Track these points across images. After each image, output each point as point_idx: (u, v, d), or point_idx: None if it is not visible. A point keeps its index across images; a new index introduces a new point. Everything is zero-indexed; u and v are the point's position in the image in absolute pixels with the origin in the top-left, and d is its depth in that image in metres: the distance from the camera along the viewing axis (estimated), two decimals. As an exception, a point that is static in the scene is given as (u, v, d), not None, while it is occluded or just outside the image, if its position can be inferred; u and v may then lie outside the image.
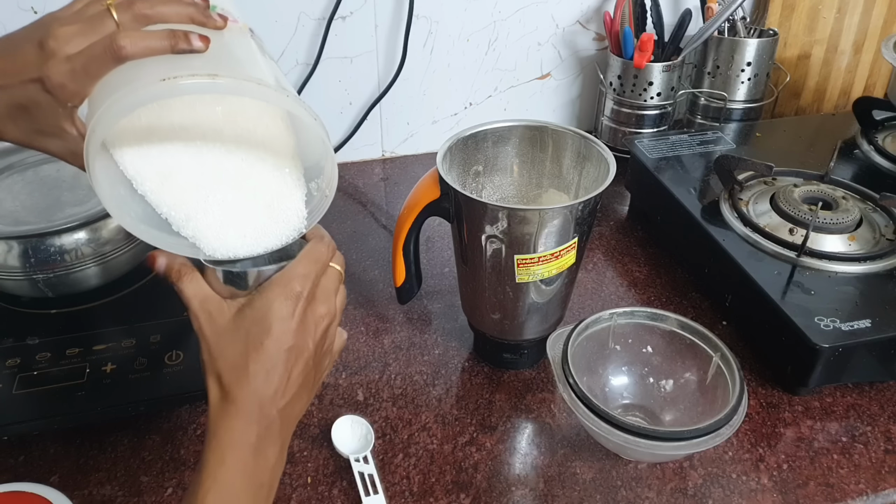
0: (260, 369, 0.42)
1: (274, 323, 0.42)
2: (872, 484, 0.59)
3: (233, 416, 0.42)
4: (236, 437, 0.41)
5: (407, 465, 0.61)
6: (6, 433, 0.61)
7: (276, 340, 0.42)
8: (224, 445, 0.41)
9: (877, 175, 0.87)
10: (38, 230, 0.66)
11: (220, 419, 0.42)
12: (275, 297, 0.43)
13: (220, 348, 0.43)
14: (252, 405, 0.42)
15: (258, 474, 0.42)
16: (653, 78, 0.98)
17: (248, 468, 0.41)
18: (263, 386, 0.42)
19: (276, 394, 0.43)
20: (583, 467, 0.61)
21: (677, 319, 0.64)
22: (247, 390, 0.42)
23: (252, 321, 0.43)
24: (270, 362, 0.42)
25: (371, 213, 0.97)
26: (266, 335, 0.42)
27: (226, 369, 0.42)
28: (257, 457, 0.42)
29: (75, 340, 0.66)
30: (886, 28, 1.10)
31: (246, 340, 0.42)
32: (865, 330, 0.63)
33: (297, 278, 0.44)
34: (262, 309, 0.43)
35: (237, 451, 0.41)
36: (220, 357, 0.43)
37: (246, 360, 0.42)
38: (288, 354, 0.43)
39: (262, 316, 0.43)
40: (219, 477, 0.40)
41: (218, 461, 0.41)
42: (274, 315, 0.42)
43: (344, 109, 1.03)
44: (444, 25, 0.99)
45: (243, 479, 0.41)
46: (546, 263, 0.60)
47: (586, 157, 0.65)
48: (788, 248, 0.72)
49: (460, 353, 0.73)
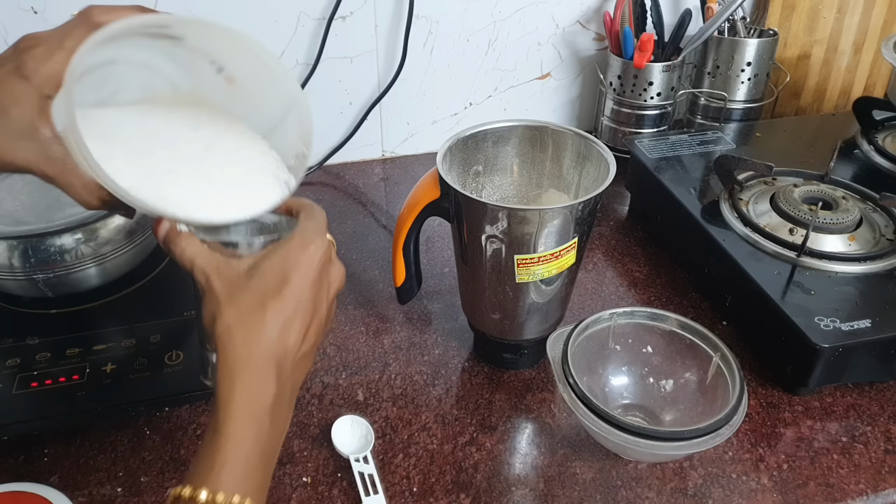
0: (278, 318, 0.40)
1: (292, 272, 0.41)
2: (872, 484, 0.59)
3: (250, 373, 0.39)
4: (255, 399, 0.39)
5: (407, 465, 0.61)
6: (6, 433, 0.61)
7: (296, 290, 0.40)
8: (242, 408, 0.39)
9: (877, 175, 0.87)
10: (38, 230, 0.66)
11: (235, 377, 0.39)
12: (292, 248, 0.41)
13: (232, 297, 0.40)
14: (269, 361, 0.40)
15: (273, 439, 0.40)
16: (653, 78, 0.98)
17: (264, 432, 0.39)
18: (281, 337, 0.40)
19: (293, 348, 0.41)
20: (583, 467, 0.61)
21: (677, 319, 0.64)
22: (264, 342, 0.39)
23: (268, 271, 0.41)
24: (288, 311, 0.40)
25: (371, 213, 0.97)
26: (284, 284, 0.40)
27: (239, 319, 0.40)
28: (273, 422, 0.40)
29: (75, 340, 0.66)
30: (886, 28, 1.10)
31: (262, 290, 0.40)
32: (865, 330, 0.63)
33: (312, 232, 0.43)
34: (279, 259, 0.41)
35: (256, 415, 0.39)
36: (231, 305, 0.40)
37: (263, 308, 0.40)
38: (306, 306, 0.41)
39: (280, 266, 0.41)
40: (237, 442, 0.38)
41: (237, 426, 0.38)
42: (292, 265, 0.41)
43: (344, 109, 1.03)
44: (444, 25, 0.99)
45: (259, 444, 0.39)
46: (546, 263, 0.60)
47: (586, 157, 0.65)
48: (788, 248, 0.72)
49: (460, 353, 0.73)
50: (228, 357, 0.40)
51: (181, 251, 0.43)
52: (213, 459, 0.38)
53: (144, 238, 0.73)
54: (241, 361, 0.39)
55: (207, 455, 0.38)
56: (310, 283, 0.41)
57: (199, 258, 0.42)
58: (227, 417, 0.39)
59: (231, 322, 0.40)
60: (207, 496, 0.37)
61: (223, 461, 0.38)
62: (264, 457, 0.40)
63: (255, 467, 0.39)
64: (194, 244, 0.43)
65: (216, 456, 0.38)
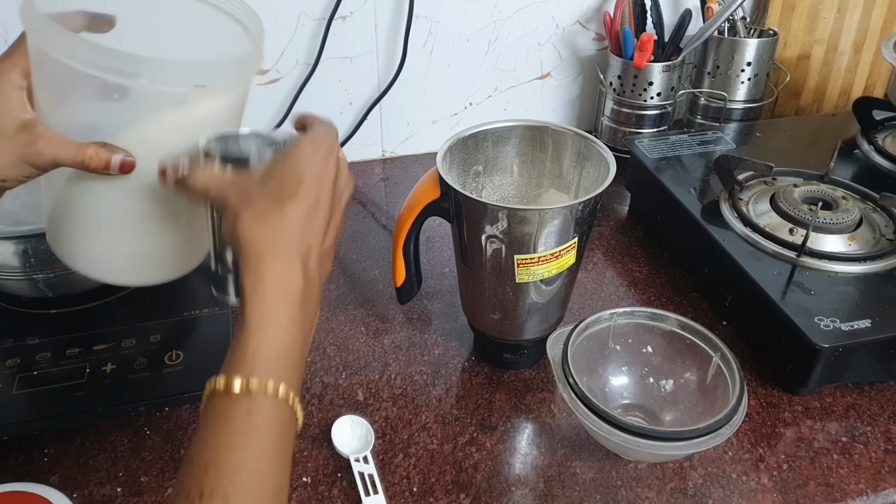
0: (299, 212, 0.40)
1: (306, 173, 0.41)
2: (872, 484, 0.59)
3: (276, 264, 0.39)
4: (285, 288, 0.38)
5: (407, 465, 0.61)
6: (6, 433, 0.61)
7: (313, 185, 0.40)
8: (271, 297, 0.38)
9: (877, 175, 0.87)
10: (38, 230, 0.66)
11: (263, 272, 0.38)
12: (305, 151, 0.41)
13: (249, 200, 0.40)
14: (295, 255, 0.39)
15: (303, 328, 0.39)
16: (653, 78, 0.98)
17: (296, 320, 0.38)
18: (304, 230, 0.40)
19: (316, 241, 0.40)
20: (583, 467, 0.61)
21: (677, 319, 0.64)
22: (287, 237, 0.39)
23: (282, 172, 0.41)
24: (308, 205, 0.40)
25: (371, 213, 0.97)
26: (300, 182, 0.40)
27: (259, 219, 0.39)
28: (303, 309, 0.39)
29: (75, 340, 0.66)
30: (886, 28, 1.10)
31: (279, 189, 0.40)
32: (865, 330, 0.63)
33: (324, 135, 0.43)
34: (292, 159, 0.41)
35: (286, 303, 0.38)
36: (249, 208, 0.40)
37: (282, 205, 0.40)
38: (323, 204, 0.41)
39: (294, 165, 0.41)
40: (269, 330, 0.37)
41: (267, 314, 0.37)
42: (305, 165, 0.41)
43: (344, 109, 1.03)
44: (444, 25, 0.99)
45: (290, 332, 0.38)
46: (546, 263, 0.60)
47: (586, 157, 0.65)
48: (788, 248, 0.72)
49: (460, 353, 0.73)
50: (251, 255, 0.39)
51: (193, 184, 0.43)
52: (244, 348, 0.37)
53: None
54: (266, 253, 0.39)
55: (238, 346, 0.38)
56: (326, 182, 0.41)
57: (211, 182, 0.42)
58: (255, 305, 0.38)
59: (251, 221, 0.40)
60: (242, 384, 0.36)
61: (255, 348, 0.37)
62: (296, 345, 0.39)
63: (288, 354, 0.38)
64: (203, 173, 0.43)
65: (247, 345, 0.37)
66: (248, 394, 0.36)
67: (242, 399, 0.36)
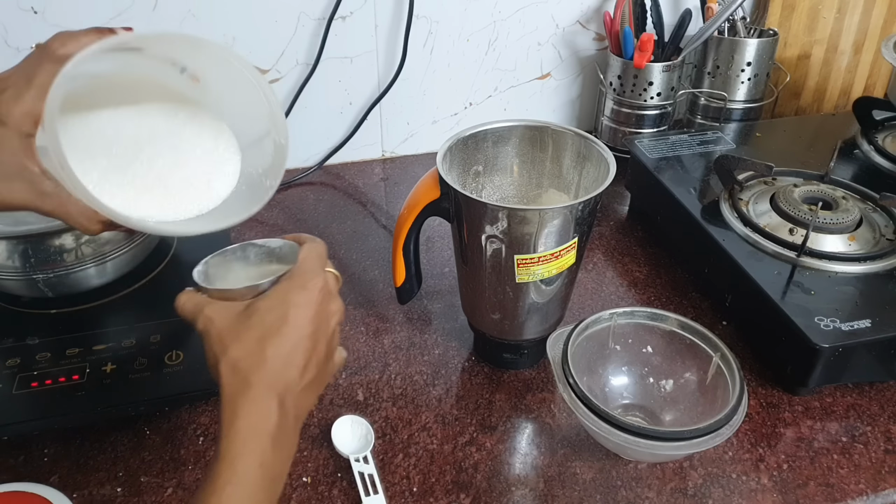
0: (279, 353, 0.41)
1: (291, 311, 0.42)
2: (872, 484, 0.59)
3: (251, 402, 0.41)
4: (256, 424, 0.41)
5: (407, 465, 0.61)
6: (6, 433, 0.61)
7: (294, 327, 0.42)
8: (244, 435, 0.40)
9: (877, 175, 0.87)
10: (38, 230, 0.65)
11: (238, 407, 0.41)
12: (290, 288, 0.43)
13: (235, 335, 0.42)
14: (271, 392, 0.41)
15: (275, 465, 0.41)
16: (653, 78, 0.98)
17: (266, 459, 0.40)
18: (283, 371, 0.42)
19: (293, 381, 0.42)
20: (583, 467, 0.61)
21: (677, 319, 0.64)
22: (266, 376, 0.41)
23: (267, 310, 0.42)
24: (288, 346, 0.42)
25: (371, 213, 0.97)
26: (284, 323, 0.42)
27: (242, 356, 0.41)
28: (275, 448, 0.41)
29: (75, 340, 0.66)
30: (886, 28, 1.10)
31: (262, 327, 0.42)
32: (865, 330, 0.63)
33: (310, 272, 0.44)
34: (277, 299, 0.43)
35: (257, 441, 0.40)
36: (235, 342, 0.42)
37: (263, 344, 0.41)
38: (306, 342, 0.43)
39: (279, 304, 0.42)
40: (238, 468, 0.39)
41: (237, 452, 0.40)
42: (291, 303, 0.43)
43: (344, 109, 1.03)
44: (444, 25, 0.99)
45: (261, 470, 0.40)
46: (546, 263, 0.60)
47: (586, 157, 0.65)
48: (788, 248, 0.72)
49: (460, 353, 0.73)
50: (231, 389, 0.41)
51: (181, 306, 0.45)
52: (214, 483, 0.39)
53: (144, 238, 0.73)
54: (243, 392, 0.41)
55: (209, 478, 0.39)
56: (309, 320, 0.43)
57: (198, 309, 0.44)
58: (230, 443, 0.40)
59: (234, 358, 0.42)
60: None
61: (224, 483, 0.39)
62: (266, 482, 0.41)
63: (256, 492, 0.40)
64: (194, 297, 0.45)
65: (217, 479, 0.39)
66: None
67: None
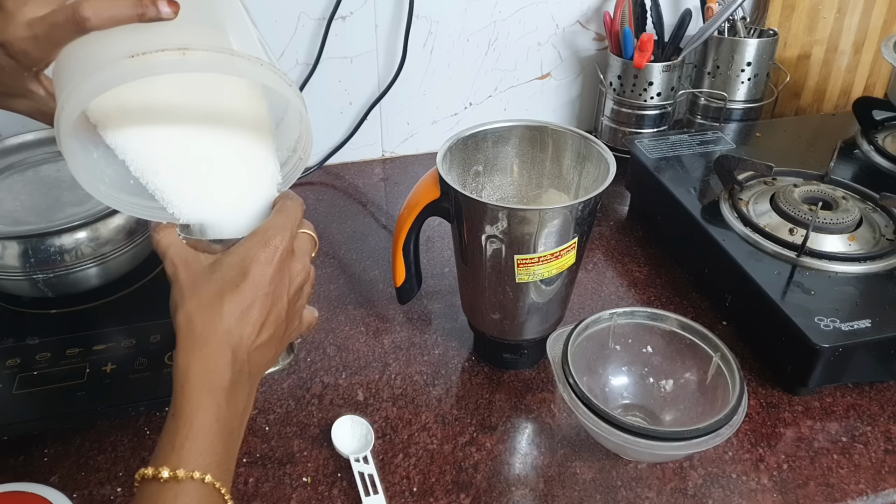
0: (235, 309, 0.42)
1: (251, 267, 0.43)
2: (872, 484, 0.59)
3: (205, 358, 0.41)
4: (210, 379, 0.41)
5: (407, 465, 0.61)
6: (6, 433, 0.61)
7: (253, 284, 0.43)
8: (198, 389, 0.41)
9: (877, 175, 0.87)
10: (38, 230, 0.66)
11: (192, 361, 0.41)
12: (253, 245, 0.44)
13: (195, 288, 0.43)
14: (225, 346, 0.42)
15: (231, 420, 0.42)
16: (653, 78, 0.98)
17: (222, 414, 0.41)
18: (237, 326, 0.42)
19: (248, 337, 0.43)
20: (583, 467, 0.61)
21: (677, 319, 0.64)
22: (220, 330, 0.42)
23: (229, 266, 0.43)
24: (245, 303, 0.42)
25: (371, 213, 0.97)
26: (242, 278, 0.43)
27: (199, 309, 0.42)
28: (230, 401, 0.42)
29: (75, 340, 0.66)
30: (886, 28, 1.10)
31: (222, 282, 0.42)
32: (865, 330, 0.63)
33: (274, 229, 0.44)
34: (239, 254, 0.43)
35: (212, 395, 0.41)
36: (193, 296, 0.42)
37: (221, 300, 0.42)
38: (263, 300, 0.43)
39: (240, 261, 0.43)
40: (195, 423, 0.40)
41: (193, 407, 0.40)
42: (251, 260, 0.43)
43: (344, 109, 1.03)
44: (444, 25, 0.99)
45: (218, 424, 0.41)
46: (546, 263, 0.60)
47: (586, 157, 0.65)
48: (788, 248, 0.72)
49: (460, 353, 0.73)
50: (185, 341, 0.42)
51: (157, 242, 0.45)
52: (172, 439, 0.40)
53: (144, 238, 0.73)
54: (197, 345, 0.41)
55: (167, 436, 0.40)
56: (269, 278, 0.43)
57: (171, 249, 0.45)
58: (184, 398, 0.40)
59: (191, 311, 0.42)
60: (169, 474, 0.39)
61: (182, 439, 0.39)
62: (223, 435, 0.41)
63: (215, 444, 0.40)
64: (170, 236, 0.45)
65: (175, 436, 0.40)
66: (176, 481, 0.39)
67: (170, 486, 0.39)
